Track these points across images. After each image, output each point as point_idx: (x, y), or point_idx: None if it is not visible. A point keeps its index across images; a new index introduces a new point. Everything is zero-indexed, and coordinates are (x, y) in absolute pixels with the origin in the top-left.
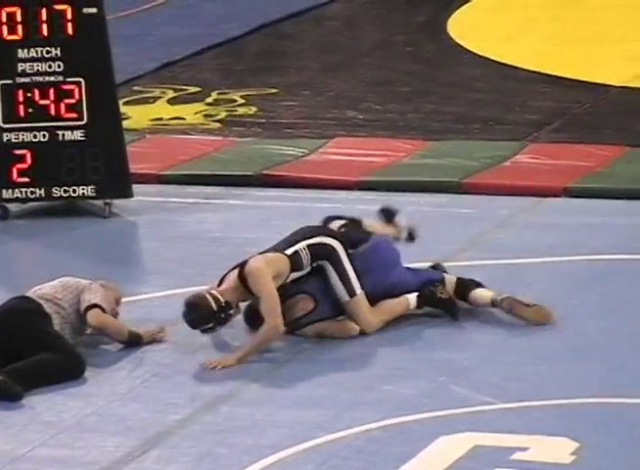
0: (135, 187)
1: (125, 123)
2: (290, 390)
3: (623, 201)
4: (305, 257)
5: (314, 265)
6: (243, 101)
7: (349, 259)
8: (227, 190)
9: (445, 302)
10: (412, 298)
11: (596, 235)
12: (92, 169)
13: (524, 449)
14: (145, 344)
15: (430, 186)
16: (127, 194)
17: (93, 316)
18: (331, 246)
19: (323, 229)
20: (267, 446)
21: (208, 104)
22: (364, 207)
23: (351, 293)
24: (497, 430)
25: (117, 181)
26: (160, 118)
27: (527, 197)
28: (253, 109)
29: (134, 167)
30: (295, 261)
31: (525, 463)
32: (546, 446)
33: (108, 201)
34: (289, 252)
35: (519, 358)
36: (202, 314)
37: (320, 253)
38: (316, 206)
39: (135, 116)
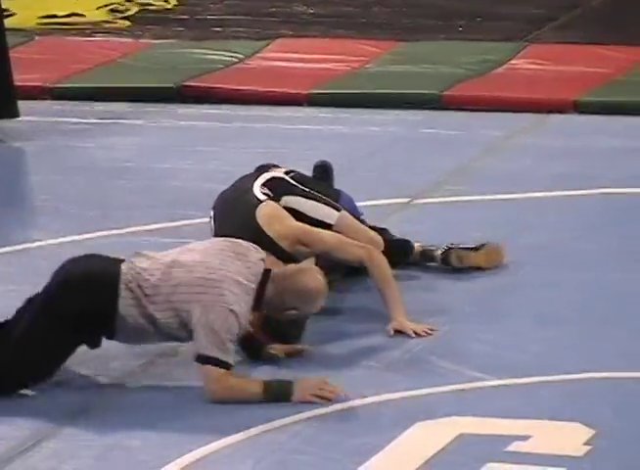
0: (21, 104)
1: (8, 22)
2: None
3: None
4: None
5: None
6: None
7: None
8: (140, 107)
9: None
10: None
11: (615, 162)
12: None
13: (523, 438)
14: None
15: (401, 100)
16: (11, 113)
17: (209, 381)
18: (276, 177)
19: (259, 168)
20: (192, 438)
21: None
22: (316, 127)
23: (336, 207)
24: (489, 413)
25: None
26: (54, 15)
27: (526, 113)
28: (173, 1)
29: (20, 79)
30: (277, 195)
31: (525, 456)
32: (552, 435)
33: None
34: (261, 197)
35: (516, 322)
36: None
37: (274, 188)
38: (254, 126)
39: (20, 12)
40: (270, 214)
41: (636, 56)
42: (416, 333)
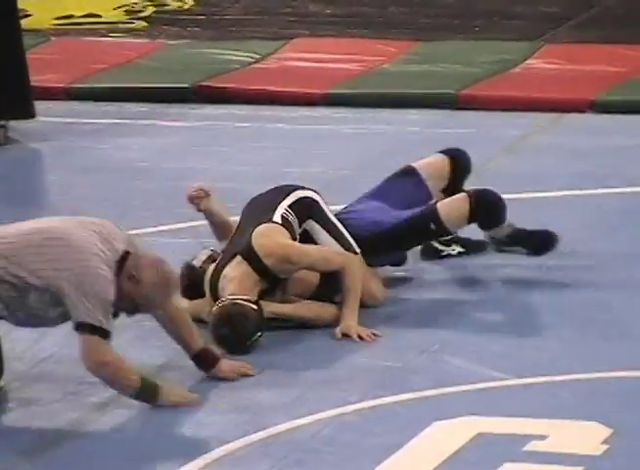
0: (38, 105)
1: (24, 23)
2: None
3: None
4: (294, 221)
5: (301, 232)
6: None
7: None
8: (156, 107)
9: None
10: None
11: (631, 161)
12: None
13: (541, 438)
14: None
15: (418, 100)
16: (28, 114)
17: (89, 351)
18: (310, 198)
19: (293, 185)
20: (210, 437)
21: None
22: (333, 127)
23: (353, 251)
24: (507, 413)
25: (15, 98)
26: (70, 16)
27: (543, 113)
28: (189, 2)
29: (36, 80)
30: (289, 230)
31: (542, 455)
32: (570, 434)
33: (2, 123)
34: (276, 218)
35: (534, 321)
36: (252, 322)
37: (303, 210)
38: (270, 126)
39: (37, 12)
40: (262, 232)
41: None
42: (360, 337)
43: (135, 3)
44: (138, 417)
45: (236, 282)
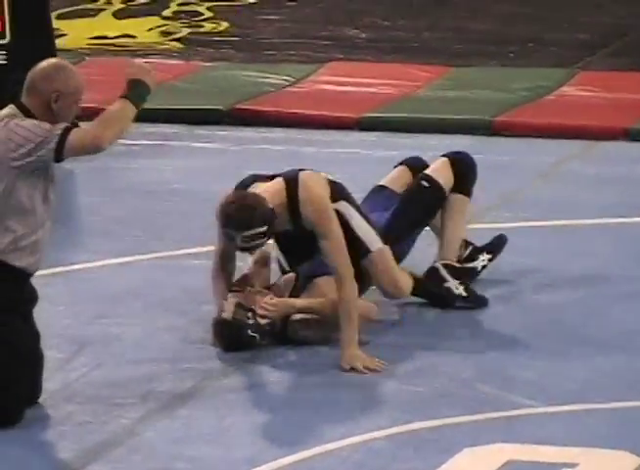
0: None
1: (60, 42)
2: (268, 387)
3: None
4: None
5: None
6: (210, 14)
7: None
8: (190, 129)
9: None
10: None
11: None
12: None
13: (571, 466)
14: None
15: (452, 126)
16: None
17: (85, 136)
18: (343, 185)
19: None
20: (240, 460)
21: (166, 17)
22: (367, 151)
23: (382, 241)
24: (537, 440)
25: None
26: (105, 36)
27: (577, 140)
28: (224, 24)
29: None
30: (333, 191)
31: None
32: (600, 462)
33: None
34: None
35: (564, 349)
36: (262, 214)
37: (338, 190)
38: (304, 150)
39: (72, 32)
40: (313, 176)
41: None
42: (368, 369)
43: (170, 25)
44: (167, 441)
45: (266, 194)
